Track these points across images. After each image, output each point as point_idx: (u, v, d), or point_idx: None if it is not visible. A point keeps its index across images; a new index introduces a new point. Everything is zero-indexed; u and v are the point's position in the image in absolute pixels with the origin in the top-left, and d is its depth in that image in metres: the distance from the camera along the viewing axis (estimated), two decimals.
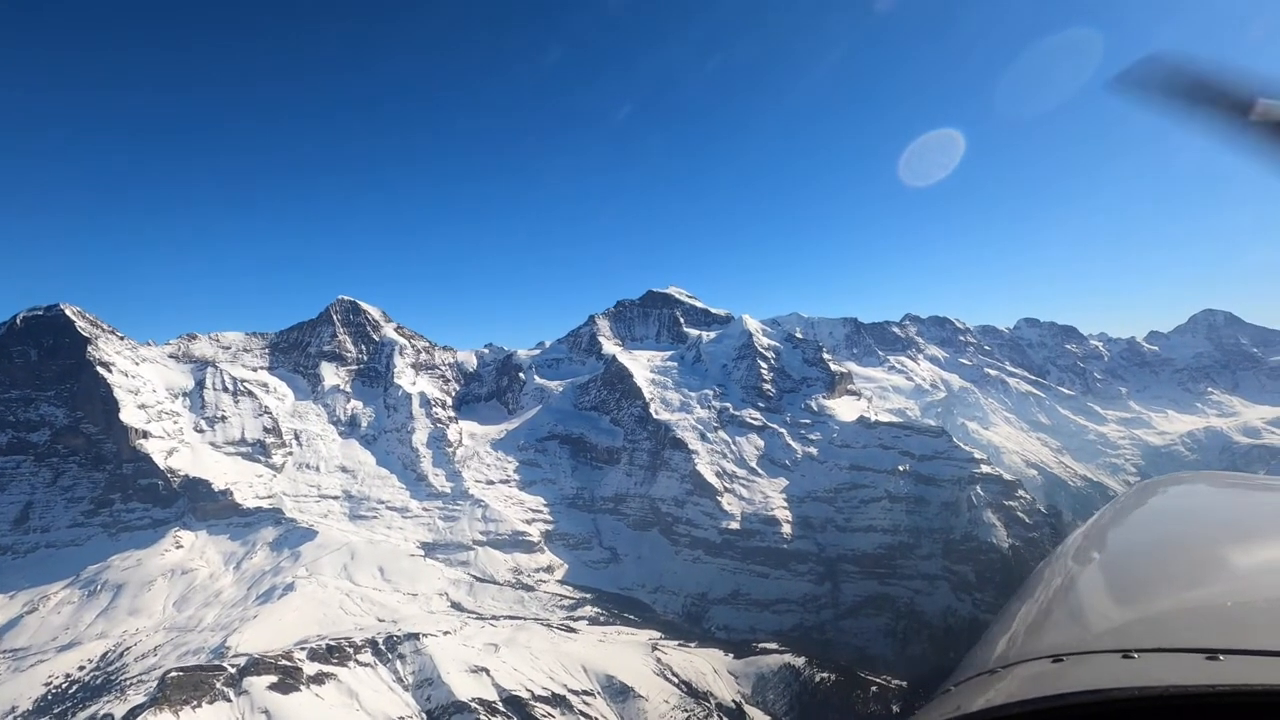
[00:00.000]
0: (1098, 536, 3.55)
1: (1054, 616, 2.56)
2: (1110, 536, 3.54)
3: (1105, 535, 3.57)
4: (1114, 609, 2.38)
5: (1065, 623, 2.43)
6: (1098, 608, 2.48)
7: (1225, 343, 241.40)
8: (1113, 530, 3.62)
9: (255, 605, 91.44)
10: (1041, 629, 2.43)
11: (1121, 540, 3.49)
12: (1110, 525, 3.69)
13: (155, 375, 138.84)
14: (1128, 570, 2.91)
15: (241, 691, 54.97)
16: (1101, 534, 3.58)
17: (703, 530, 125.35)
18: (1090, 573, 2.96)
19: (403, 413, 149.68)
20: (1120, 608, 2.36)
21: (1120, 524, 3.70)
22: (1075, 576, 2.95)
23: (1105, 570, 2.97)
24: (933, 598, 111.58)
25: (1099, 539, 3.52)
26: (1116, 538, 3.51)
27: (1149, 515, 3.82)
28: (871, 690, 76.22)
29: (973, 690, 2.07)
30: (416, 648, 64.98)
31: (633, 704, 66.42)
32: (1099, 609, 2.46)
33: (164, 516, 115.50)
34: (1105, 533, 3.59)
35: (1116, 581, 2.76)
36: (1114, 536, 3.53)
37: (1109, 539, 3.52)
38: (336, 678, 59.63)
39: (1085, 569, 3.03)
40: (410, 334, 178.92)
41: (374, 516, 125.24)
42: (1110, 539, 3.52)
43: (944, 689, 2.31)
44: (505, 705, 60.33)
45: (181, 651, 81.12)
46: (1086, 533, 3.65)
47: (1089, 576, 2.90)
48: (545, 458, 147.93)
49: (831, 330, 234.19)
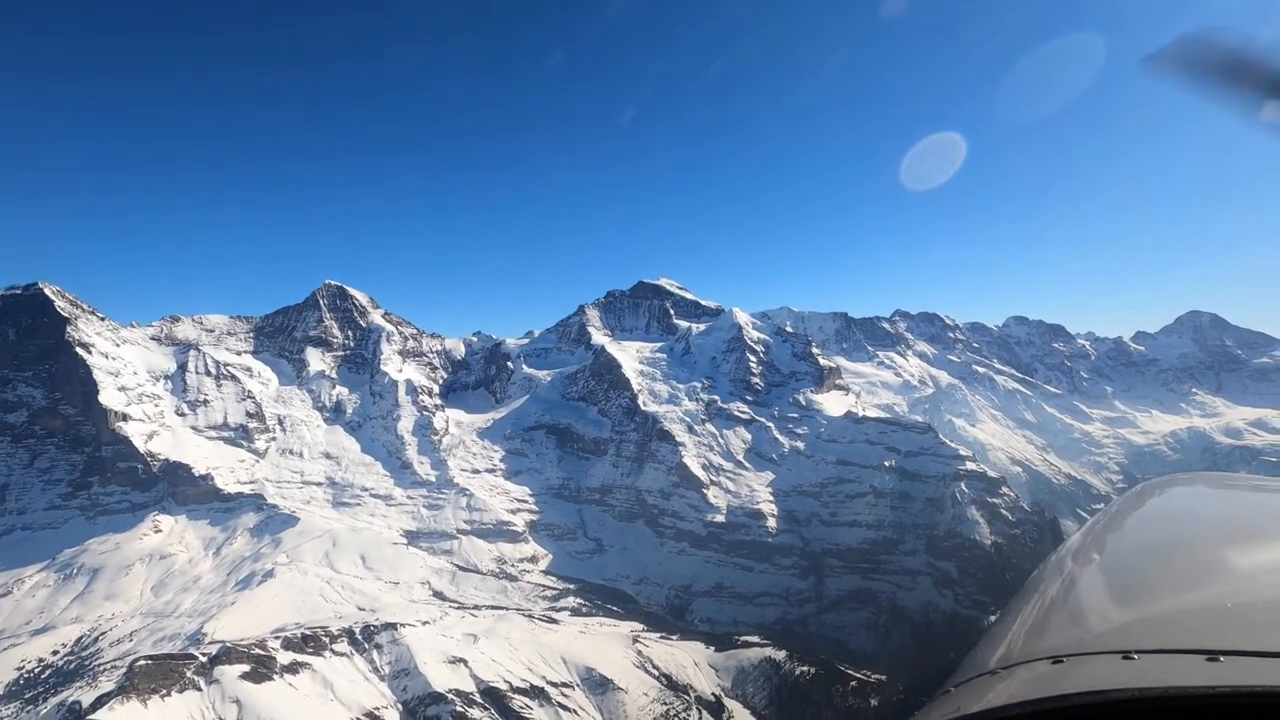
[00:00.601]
0: (1097, 538, 3.53)
1: (1054, 618, 2.56)
2: (1110, 538, 3.50)
3: (1105, 536, 3.53)
4: (1114, 610, 2.37)
5: (1065, 624, 2.44)
6: (1098, 609, 2.48)
7: (1210, 344, 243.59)
8: (1112, 531, 3.59)
9: (234, 592, 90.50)
10: (1042, 630, 2.45)
11: (1121, 541, 3.45)
12: (1110, 527, 3.65)
13: (136, 357, 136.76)
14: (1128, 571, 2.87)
15: (212, 681, 54.13)
16: (1101, 535, 3.57)
17: (688, 523, 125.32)
18: (1090, 574, 2.93)
19: (388, 400, 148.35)
20: (1120, 609, 2.36)
21: (1120, 525, 3.66)
22: (1075, 577, 2.94)
23: (1105, 571, 2.93)
24: (914, 593, 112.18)
25: (1098, 540, 3.49)
26: (1116, 539, 3.48)
27: (1148, 516, 3.79)
28: (851, 685, 76.45)
29: (973, 691, 2.08)
30: (394, 638, 64.37)
31: (612, 696, 66.22)
32: (1099, 610, 2.46)
33: (143, 500, 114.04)
34: (1105, 534, 3.57)
35: (1116, 583, 2.73)
36: (1114, 538, 3.50)
37: (1109, 540, 3.47)
38: (311, 667, 58.93)
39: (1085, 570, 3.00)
40: (398, 320, 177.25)
41: (357, 504, 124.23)
42: (1110, 540, 3.47)
43: (944, 690, 2.31)
44: (483, 697, 59.92)
45: (158, 637, 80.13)
46: (1086, 534, 3.65)
47: (1089, 578, 2.88)
48: (532, 447, 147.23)
49: (821, 325, 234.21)
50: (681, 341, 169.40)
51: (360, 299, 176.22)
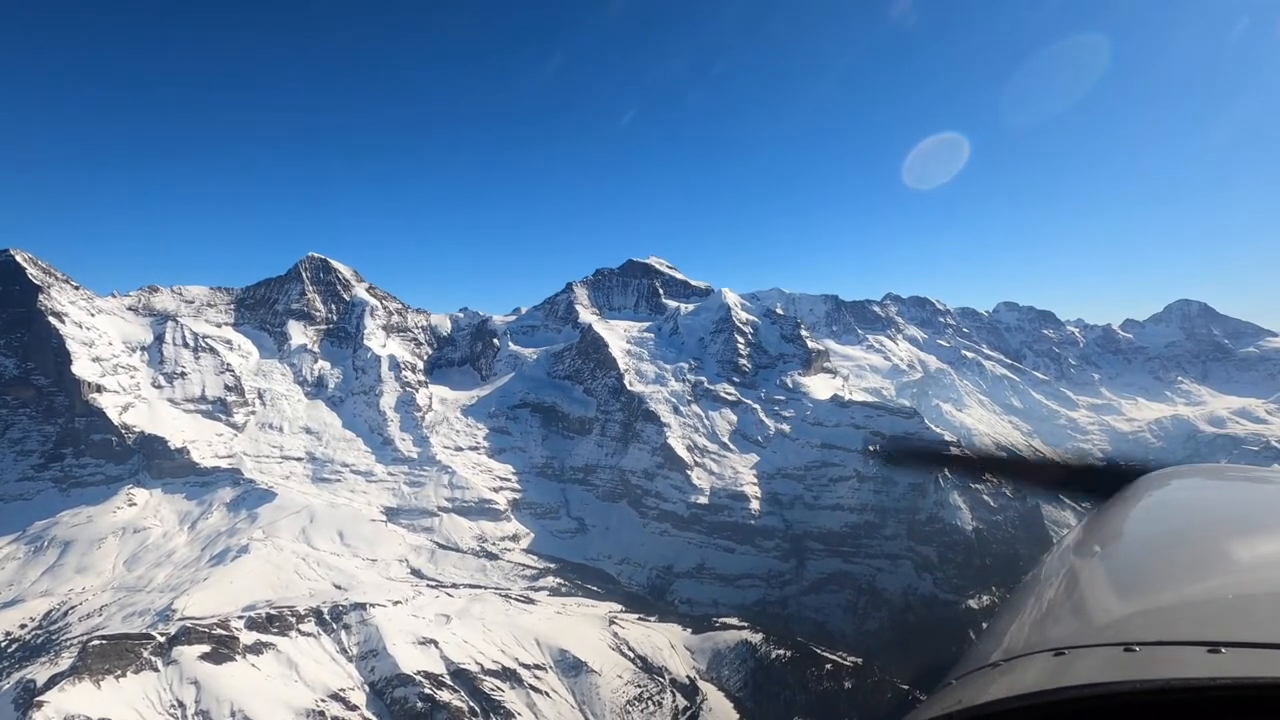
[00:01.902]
0: (1098, 530, 3.44)
1: (1055, 610, 2.57)
2: (1111, 530, 3.39)
3: (1106, 529, 3.43)
4: (1115, 602, 2.38)
5: (1067, 616, 2.45)
6: (1099, 601, 2.49)
7: (1198, 333, 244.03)
8: (1113, 524, 3.46)
9: (208, 567, 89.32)
10: (1043, 622, 2.46)
11: (1122, 534, 3.32)
12: (1111, 519, 3.53)
13: (112, 328, 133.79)
14: (1129, 564, 2.87)
15: (170, 661, 53.02)
16: (1102, 527, 3.45)
17: (671, 504, 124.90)
18: (1091, 566, 2.93)
19: (371, 375, 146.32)
20: (1122, 601, 2.35)
21: (1121, 517, 3.51)
22: (1076, 570, 2.94)
23: (1106, 564, 2.93)
24: (894, 576, 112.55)
25: (1100, 532, 3.40)
26: (1117, 531, 3.36)
27: (1150, 508, 3.67)
28: (826, 668, 76.52)
29: (974, 684, 2.08)
30: (363, 618, 63.40)
31: (585, 678, 65.80)
32: (1100, 602, 2.47)
33: (118, 473, 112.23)
34: (1106, 526, 3.46)
35: (1118, 575, 2.73)
36: (1115, 530, 3.38)
37: (1110, 532, 3.37)
38: (276, 647, 57.95)
39: (1086, 562, 3.00)
40: (383, 295, 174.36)
41: (337, 479, 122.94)
42: (1111, 532, 3.36)
43: (945, 682, 2.30)
44: (453, 678, 59.24)
45: (127, 613, 79.07)
46: (1087, 526, 3.56)
47: (1090, 570, 2.88)
48: (516, 426, 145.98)
49: (812, 307, 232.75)
50: (670, 321, 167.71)
51: (344, 272, 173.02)
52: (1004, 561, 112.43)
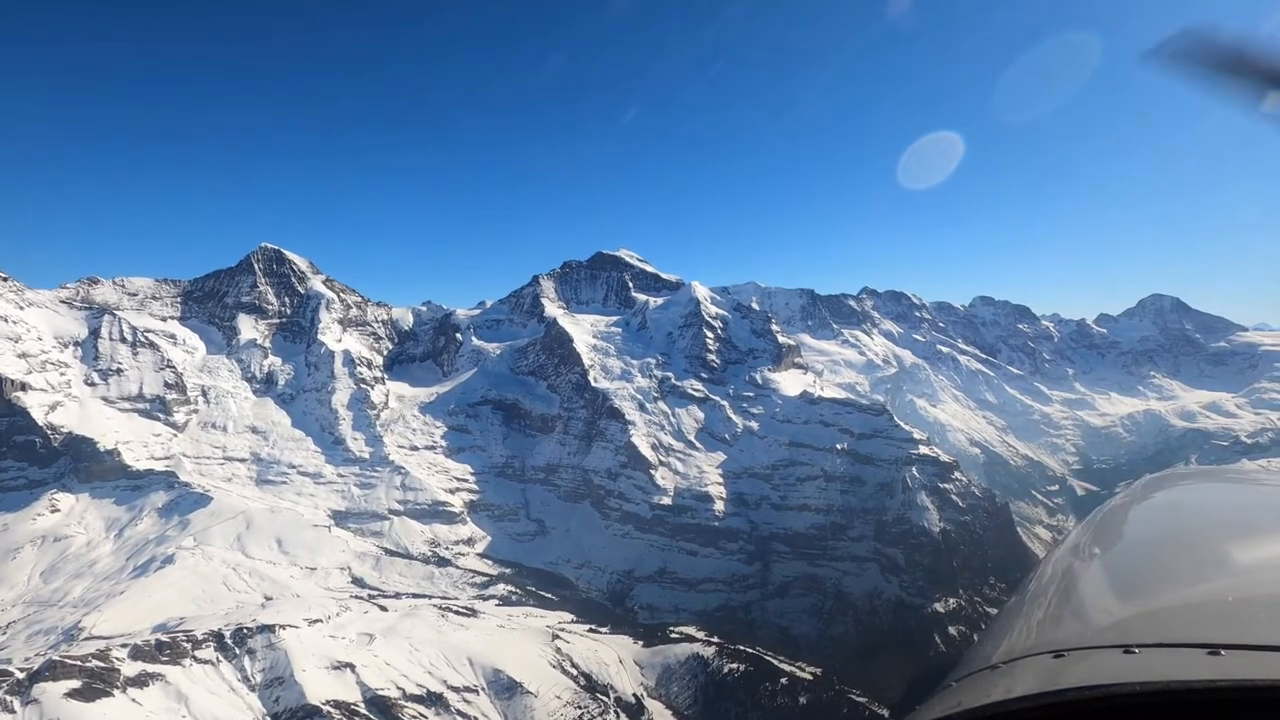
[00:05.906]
0: (1098, 532, 3.43)
1: (1055, 612, 2.58)
2: (1111, 532, 3.43)
3: (1106, 531, 3.46)
4: (1115, 604, 2.38)
5: (1066, 618, 2.45)
6: (1099, 603, 2.48)
7: (1170, 327, 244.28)
8: (1114, 526, 3.51)
9: (129, 579, 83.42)
10: (1043, 624, 2.46)
11: (1123, 536, 3.36)
12: (1111, 521, 3.58)
13: (42, 322, 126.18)
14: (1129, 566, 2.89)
15: (30, 701, 47.49)
16: (1102, 529, 3.47)
17: (634, 504, 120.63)
18: (1091, 568, 2.93)
19: (324, 371, 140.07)
20: (1121, 603, 2.37)
21: (1121, 519, 3.59)
22: (1076, 572, 2.94)
23: (1106, 566, 2.94)
24: (860, 579, 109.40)
25: (1100, 534, 3.40)
26: (1117, 533, 3.40)
27: (1150, 511, 3.73)
28: (781, 682, 72.78)
29: (974, 686, 2.08)
30: (270, 641, 58.21)
31: (519, 701, 61.31)
32: (1100, 604, 2.46)
33: (41, 477, 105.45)
34: (1106, 528, 3.49)
35: (1118, 577, 2.75)
36: (1115, 532, 3.42)
37: (1110, 534, 3.39)
38: (164, 678, 52.65)
39: (1086, 564, 2.99)
40: (341, 288, 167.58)
41: (283, 482, 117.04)
42: (1111, 534, 3.39)
43: (945, 684, 2.32)
44: (368, 706, 54.43)
45: (33, 631, 73.09)
46: (1087, 528, 3.54)
47: (1090, 572, 2.90)
48: (476, 424, 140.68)
49: (788, 301, 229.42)
50: (638, 315, 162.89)
51: (299, 264, 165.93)
52: (972, 564, 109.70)
